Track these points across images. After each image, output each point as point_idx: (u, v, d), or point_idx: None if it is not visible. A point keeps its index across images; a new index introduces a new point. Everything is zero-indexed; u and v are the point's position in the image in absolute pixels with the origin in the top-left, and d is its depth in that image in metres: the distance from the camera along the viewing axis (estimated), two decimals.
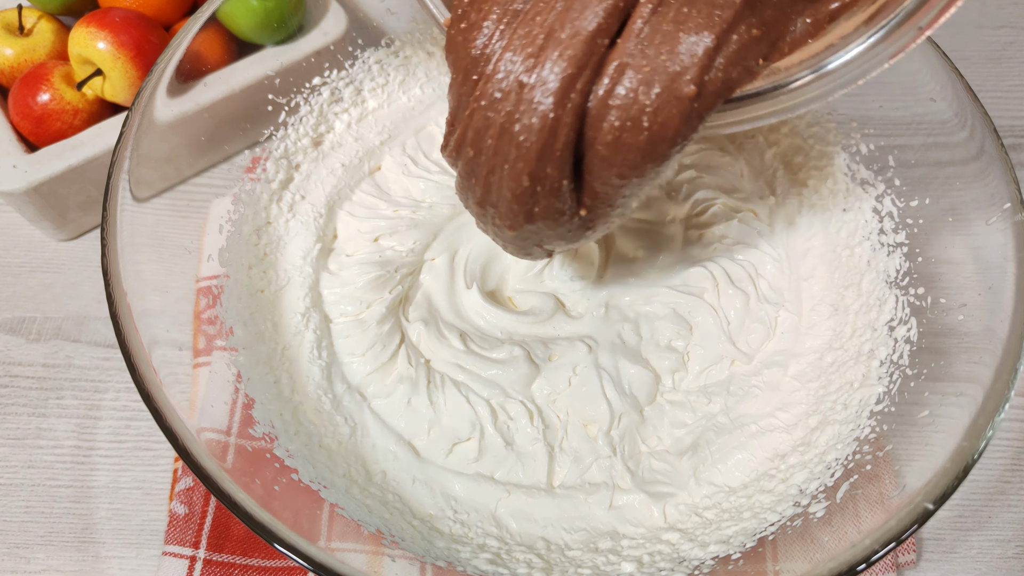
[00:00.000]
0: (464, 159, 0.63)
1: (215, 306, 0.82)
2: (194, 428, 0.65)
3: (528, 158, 0.58)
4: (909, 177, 0.83)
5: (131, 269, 0.70)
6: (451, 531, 0.76)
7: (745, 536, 0.71)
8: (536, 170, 0.59)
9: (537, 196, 0.61)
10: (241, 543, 0.80)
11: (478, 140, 0.61)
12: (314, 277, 0.90)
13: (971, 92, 0.77)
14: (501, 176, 0.61)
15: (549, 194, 0.61)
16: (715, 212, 0.94)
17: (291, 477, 0.72)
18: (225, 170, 0.94)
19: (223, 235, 0.86)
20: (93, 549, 0.83)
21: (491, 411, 0.82)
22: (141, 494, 0.86)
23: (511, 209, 0.63)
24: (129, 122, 0.76)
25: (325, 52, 0.97)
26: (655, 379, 0.85)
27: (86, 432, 0.89)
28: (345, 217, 0.95)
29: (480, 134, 0.60)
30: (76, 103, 0.97)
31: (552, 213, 0.63)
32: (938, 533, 0.85)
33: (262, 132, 0.93)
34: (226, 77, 0.92)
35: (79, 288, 0.98)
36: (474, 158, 0.62)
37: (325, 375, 0.83)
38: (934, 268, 0.79)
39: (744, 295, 0.88)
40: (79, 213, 0.99)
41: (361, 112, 1.00)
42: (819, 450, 0.76)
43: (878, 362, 0.79)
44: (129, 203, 0.73)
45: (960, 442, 0.63)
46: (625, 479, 0.79)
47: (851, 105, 0.89)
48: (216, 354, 0.80)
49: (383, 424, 0.82)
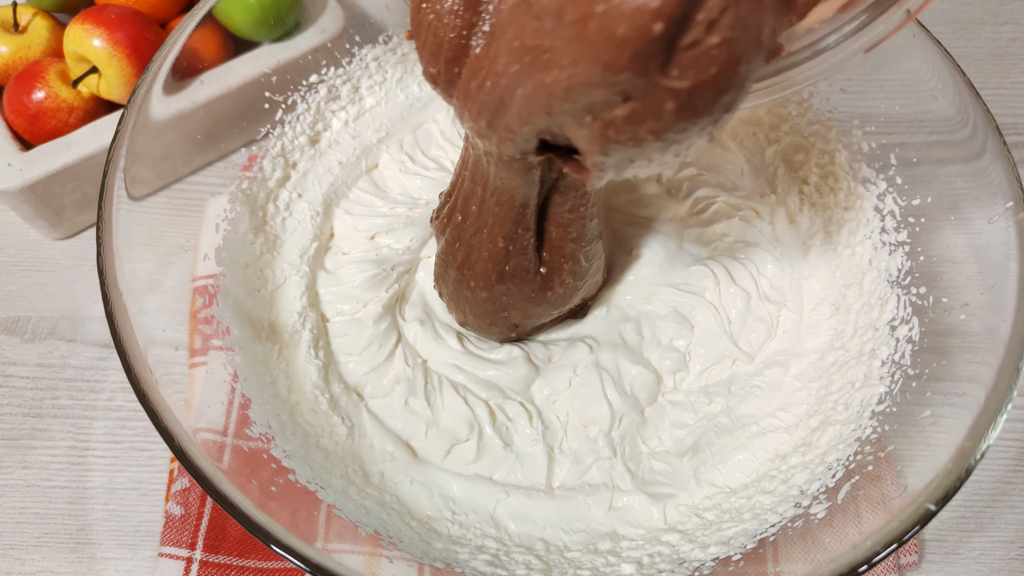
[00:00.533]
0: (453, 224, 0.76)
1: (211, 305, 0.82)
2: (190, 428, 0.65)
3: (504, 222, 0.70)
4: (911, 175, 0.83)
5: (127, 268, 0.70)
6: (449, 532, 0.76)
7: (746, 537, 0.71)
8: (510, 231, 0.71)
9: (509, 255, 0.73)
10: (238, 544, 0.80)
11: (465, 207, 0.73)
12: (311, 276, 0.90)
13: (973, 89, 0.77)
14: (481, 239, 0.73)
15: (519, 252, 0.73)
16: (716, 210, 0.94)
17: (288, 478, 0.72)
18: (221, 168, 0.94)
19: (219, 234, 0.86)
20: (89, 550, 0.83)
21: (489, 412, 0.82)
22: (137, 495, 0.86)
23: (486, 269, 0.75)
24: (125, 120, 0.76)
25: (322, 49, 0.97)
26: (656, 379, 0.85)
27: (81, 432, 0.90)
28: (342, 215, 0.95)
29: (467, 201, 0.72)
30: (71, 101, 0.97)
31: (520, 271, 0.75)
32: (940, 534, 0.85)
33: (259, 130, 0.94)
34: (222, 75, 0.92)
35: (74, 287, 0.99)
36: (461, 223, 0.74)
37: (322, 375, 0.84)
38: (936, 267, 0.79)
39: (745, 294, 0.88)
40: (74, 212, 0.99)
41: (359, 110, 1.00)
42: (820, 451, 0.76)
43: (880, 362, 0.79)
44: (125, 202, 0.73)
45: (962, 442, 0.63)
46: (625, 480, 0.79)
47: (852, 103, 0.89)
48: (212, 354, 0.80)
49: (380, 424, 0.82)
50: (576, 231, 0.74)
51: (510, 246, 0.72)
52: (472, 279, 0.78)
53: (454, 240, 0.77)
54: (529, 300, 0.79)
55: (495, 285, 0.77)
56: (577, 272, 0.79)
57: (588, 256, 0.78)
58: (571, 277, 0.78)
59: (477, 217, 0.72)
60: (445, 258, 0.80)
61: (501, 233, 0.71)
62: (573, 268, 0.77)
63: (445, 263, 0.80)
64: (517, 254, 0.73)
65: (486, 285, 0.77)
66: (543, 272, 0.76)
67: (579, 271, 0.79)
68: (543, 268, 0.76)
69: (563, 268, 0.77)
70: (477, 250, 0.75)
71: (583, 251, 0.77)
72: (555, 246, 0.75)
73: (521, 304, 0.80)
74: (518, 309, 0.80)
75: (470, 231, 0.74)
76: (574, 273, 0.78)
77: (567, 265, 0.76)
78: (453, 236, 0.77)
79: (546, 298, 0.79)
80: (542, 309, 0.81)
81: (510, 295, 0.78)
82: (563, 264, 0.76)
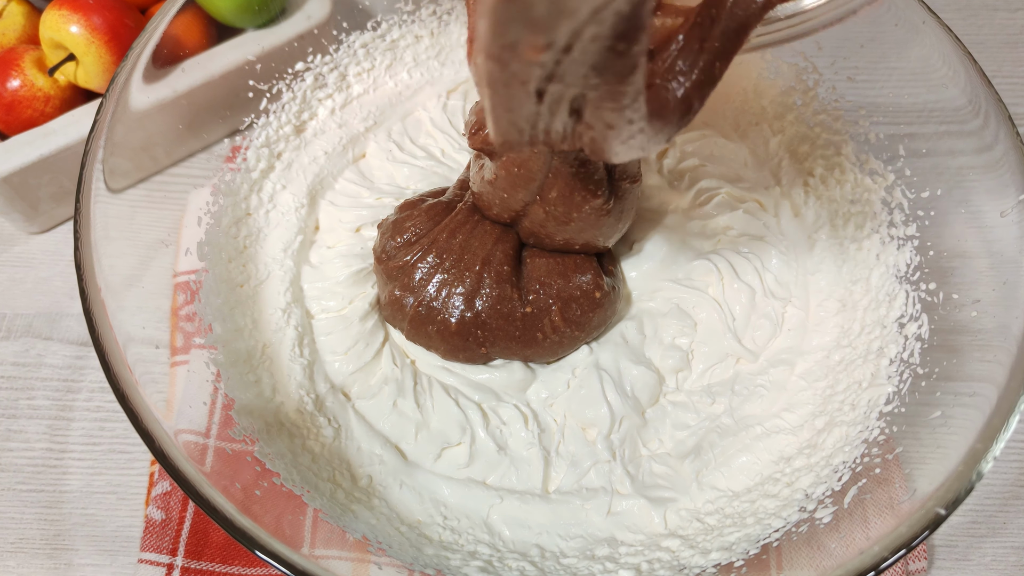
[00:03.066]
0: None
1: (193, 302, 0.82)
2: (171, 430, 0.65)
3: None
4: (920, 167, 0.83)
5: (105, 263, 0.70)
6: (441, 538, 0.76)
7: (748, 543, 0.71)
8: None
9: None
10: (221, 550, 0.80)
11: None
12: (295, 271, 0.90)
13: (985, 78, 0.77)
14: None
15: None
16: (719, 202, 0.94)
17: (273, 481, 0.72)
18: (204, 159, 0.94)
19: (202, 227, 0.86)
20: (65, 556, 0.83)
21: (482, 415, 0.82)
22: (116, 499, 0.86)
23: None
24: (103, 109, 0.75)
25: (308, 36, 0.97)
26: (659, 380, 0.85)
27: (58, 434, 0.89)
28: (327, 207, 0.95)
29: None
30: (47, 89, 0.96)
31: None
32: (950, 540, 0.85)
33: (242, 119, 0.93)
34: (205, 62, 0.92)
35: (51, 283, 0.98)
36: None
37: (307, 374, 0.83)
38: (946, 262, 0.79)
39: (750, 289, 0.88)
40: (51, 205, 0.99)
41: (346, 98, 1.00)
42: (826, 453, 0.76)
43: (887, 360, 0.79)
44: (103, 194, 0.73)
45: (974, 444, 0.63)
46: (624, 484, 0.79)
47: (859, 92, 0.89)
48: (194, 352, 0.79)
49: (368, 426, 0.82)
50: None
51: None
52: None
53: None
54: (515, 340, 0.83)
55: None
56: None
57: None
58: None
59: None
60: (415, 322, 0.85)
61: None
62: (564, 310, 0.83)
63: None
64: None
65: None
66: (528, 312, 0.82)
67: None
68: (528, 308, 0.82)
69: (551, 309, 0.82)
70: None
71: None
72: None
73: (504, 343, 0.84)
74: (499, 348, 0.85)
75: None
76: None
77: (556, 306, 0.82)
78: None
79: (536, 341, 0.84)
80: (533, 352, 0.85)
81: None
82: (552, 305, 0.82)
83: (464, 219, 0.83)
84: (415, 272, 0.82)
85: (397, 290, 0.83)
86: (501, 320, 0.81)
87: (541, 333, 0.82)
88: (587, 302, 0.82)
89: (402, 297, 0.83)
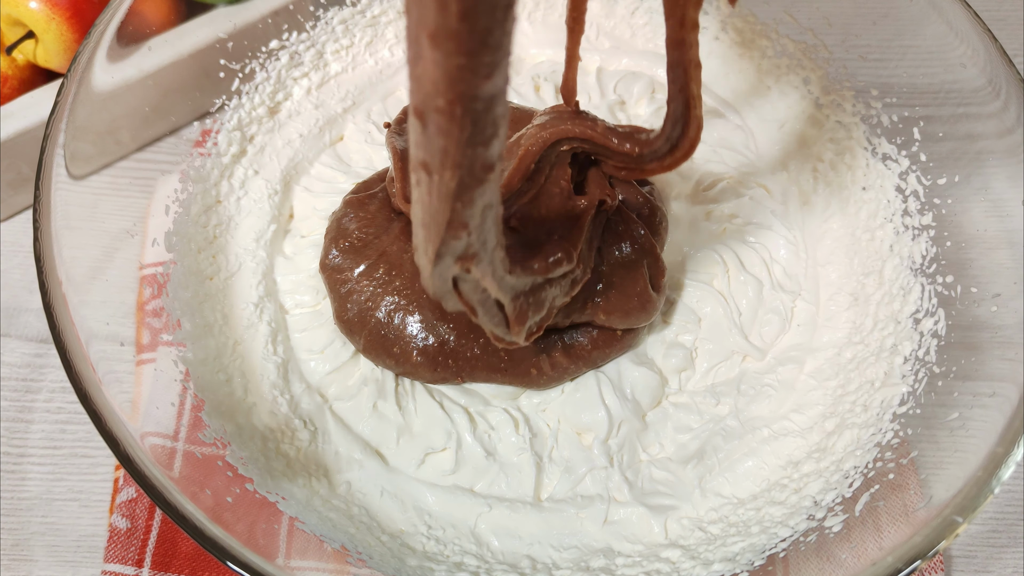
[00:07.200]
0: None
1: (160, 296, 0.82)
2: (137, 432, 0.65)
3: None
4: (936, 152, 0.83)
5: (67, 255, 0.70)
6: (424, 548, 0.76)
7: (753, 553, 0.71)
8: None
9: None
10: (189, 561, 0.80)
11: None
12: (268, 262, 0.89)
13: (1006, 57, 0.77)
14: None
15: None
16: (723, 188, 0.94)
17: (245, 487, 0.72)
18: (172, 144, 0.94)
19: (170, 216, 0.86)
20: (24, 568, 0.83)
21: (469, 419, 0.82)
22: (78, 506, 0.86)
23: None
24: (64, 90, 0.75)
25: (284, 12, 0.96)
26: (661, 382, 0.84)
27: (16, 437, 0.89)
28: (302, 193, 0.95)
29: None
30: (4, 69, 0.96)
31: None
32: (969, 550, 0.85)
33: (213, 101, 0.93)
34: (173, 40, 0.92)
35: (8, 276, 0.98)
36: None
37: (281, 373, 0.83)
38: (964, 254, 0.79)
39: (757, 282, 0.88)
40: (8, 192, 0.99)
41: (322, 77, 1.00)
42: (836, 457, 0.76)
43: (902, 358, 0.79)
44: (64, 181, 0.73)
45: (994, 448, 0.63)
46: (622, 491, 0.79)
47: (871, 71, 0.89)
48: (161, 350, 0.79)
49: (347, 430, 0.82)
50: None
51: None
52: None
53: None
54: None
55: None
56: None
57: None
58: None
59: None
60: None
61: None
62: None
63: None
64: None
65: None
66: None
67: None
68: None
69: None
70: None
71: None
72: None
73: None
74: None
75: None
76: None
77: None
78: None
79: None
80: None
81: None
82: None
83: None
84: (361, 291, 0.81)
85: (345, 309, 0.82)
86: (479, 351, 0.80)
87: (536, 369, 0.81)
88: (604, 337, 0.81)
89: (351, 320, 0.81)
